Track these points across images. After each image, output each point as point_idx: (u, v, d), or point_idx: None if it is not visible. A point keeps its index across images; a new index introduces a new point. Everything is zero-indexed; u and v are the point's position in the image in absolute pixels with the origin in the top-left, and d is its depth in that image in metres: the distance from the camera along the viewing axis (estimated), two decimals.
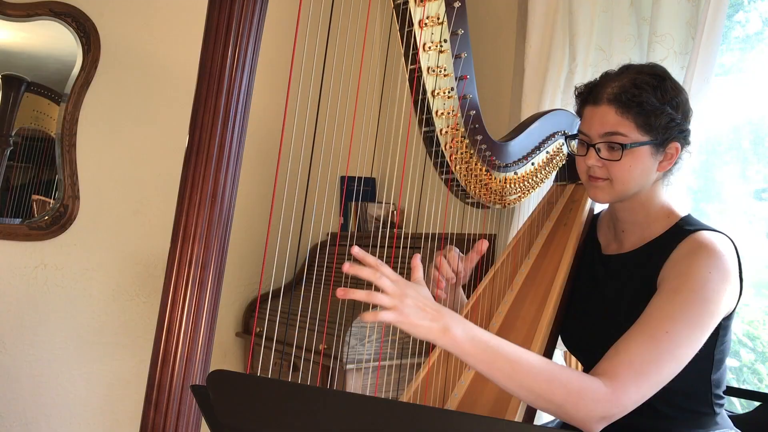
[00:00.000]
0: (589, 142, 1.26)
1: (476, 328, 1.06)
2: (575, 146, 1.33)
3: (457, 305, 1.46)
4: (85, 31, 2.33)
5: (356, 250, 1.02)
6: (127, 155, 2.46)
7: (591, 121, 1.25)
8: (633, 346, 1.08)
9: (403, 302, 1.01)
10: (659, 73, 1.24)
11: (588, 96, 1.28)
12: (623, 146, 1.21)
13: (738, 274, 1.18)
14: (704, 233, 1.19)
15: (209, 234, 1.00)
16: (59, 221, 2.31)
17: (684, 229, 1.23)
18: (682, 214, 1.28)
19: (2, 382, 2.26)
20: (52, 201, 2.34)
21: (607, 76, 1.27)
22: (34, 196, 2.33)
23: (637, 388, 1.05)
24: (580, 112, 1.32)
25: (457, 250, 1.38)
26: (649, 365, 1.06)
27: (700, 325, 1.10)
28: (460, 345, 1.04)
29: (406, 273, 2.14)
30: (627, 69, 1.27)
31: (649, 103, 1.20)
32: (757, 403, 1.46)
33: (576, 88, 1.33)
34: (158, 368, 1.00)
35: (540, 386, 1.03)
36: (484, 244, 1.32)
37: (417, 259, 1.13)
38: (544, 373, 1.04)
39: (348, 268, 0.99)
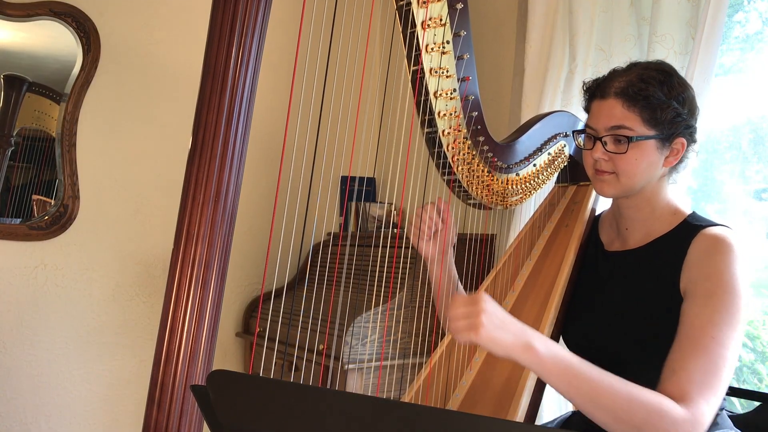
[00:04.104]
0: (596, 135, 1.26)
1: (555, 345, 1.07)
2: (582, 141, 1.34)
3: (452, 283, 1.49)
4: (85, 31, 2.33)
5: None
6: (127, 155, 2.45)
7: (598, 114, 1.26)
8: (688, 361, 1.08)
9: (481, 320, 1.02)
10: (666, 69, 1.26)
11: (596, 90, 1.29)
12: (629, 139, 1.22)
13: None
14: (713, 228, 1.21)
15: (212, 233, 1.00)
16: (59, 221, 2.31)
17: (693, 225, 1.24)
18: (687, 212, 1.29)
19: (2, 382, 2.26)
20: (52, 201, 2.33)
21: (614, 72, 1.28)
22: (35, 196, 2.33)
23: (707, 402, 1.04)
24: (587, 107, 1.33)
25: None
26: (709, 376, 1.06)
27: (739, 321, 1.10)
28: (543, 363, 1.04)
29: (407, 273, 2.14)
30: (634, 65, 1.28)
31: (655, 97, 1.21)
32: (757, 403, 1.47)
33: (584, 83, 1.34)
34: (161, 367, 1.00)
35: (620, 406, 1.02)
36: (440, 202, 1.39)
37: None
38: (624, 393, 1.03)
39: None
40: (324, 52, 1.11)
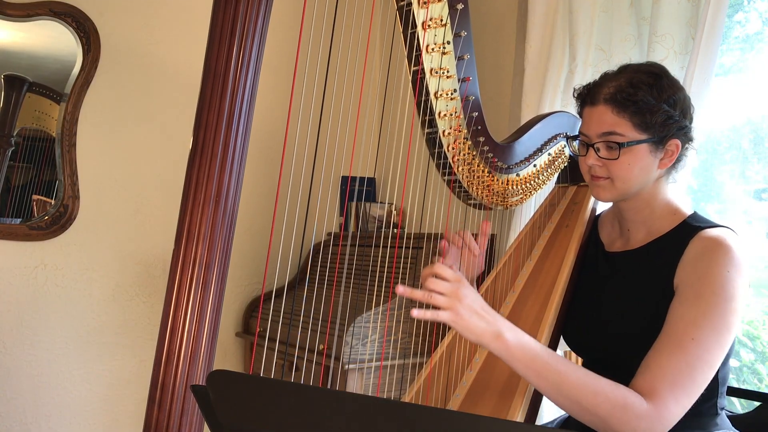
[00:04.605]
0: (588, 142, 1.27)
1: (527, 336, 1.10)
2: (576, 147, 1.34)
3: None
4: (85, 31, 2.33)
5: (401, 290, 1.07)
6: (127, 155, 2.45)
7: (589, 121, 1.27)
8: (663, 358, 1.08)
9: (461, 303, 1.07)
10: (656, 71, 1.25)
11: (586, 97, 1.29)
12: (620, 145, 1.22)
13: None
14: (712, 230, 1.20)
15: (213, 234, 1.00)
16: (59, 221, 2.31)
17: (692, 226, 1.24)
18: (688, 212, 1.29)
19: (2, 382, 2.26)
20: (52, 201, 2.33)
21: (605, 77, 1.28)
22: (35, 196, 2.33)
23: (676, 401, 1.05)
24: (579, 113, 1.33)
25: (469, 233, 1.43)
26: (682, 375, 1.06)
27: (726, 326, 1.10)
28: (512, 351, 1.08)
29: (407, 273, 2.14)
30: (625, 69, 1.28)
31: (644, 101, 1.20)
32: (757, 403, 1.47)
33: (575, 90, 1.34)
34: (162, 368, 1.00)
35: (586, 398, 1.05)
36: (486, 225, 1.38)
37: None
38: (590, 386, 1.05)
39: (401, 290, 1.06)
40: (324, 53, 1.11)
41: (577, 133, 1.34)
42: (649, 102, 1.20)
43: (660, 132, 1.22)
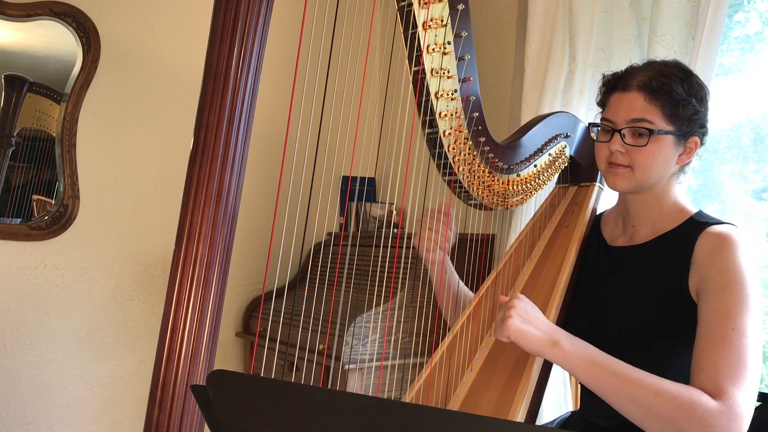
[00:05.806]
0: (614, 127, 1.27)
1: (583, 342, 1.12)
2: (596, 134, 1.34)
3: (446, 276, 1.54)
4: (85, 31, 2.33)
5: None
6: (127, 155, 2.45)
7: (618, 107, 1.27)
8: (714, 356, 1.08)
9: (509, 313, 1.12)
10: (685, 68, 1.28)
11: (616, 83, 1.29)
12: (650, 132, 1.22)
13: None
14: (718, 226, 1.22)
15: (214, 233, 1.00)
16: (59, 221, 2.31)
17: (699, 222, 1.25)
18: (694, 210, 1.30)
19: (2, 382, 2.26)
20: (52, 201, 2.33)
21: (632, 68, 1.30)
22: (35, 196, 2.33)
23: (741, 393, 1.03)
24: (604, 101, 1.33)
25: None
26: (737, 366, 1.06)
27: (756, 310, 1.11)
28: (570, 359, 1.09)
29: (407, 273, 2.14)
30: (653, 62, 1.30)
31: (677, 92, 1.22)
32: (757, 403, 1.47)
33: (603, 75, 1.35)
34: (162, 367, 1.00)
35: (649, 400, 1.03)
36: (447, 207, 1.43)
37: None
38: (652, 387, 1.04)
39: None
40: (325, 53, 1.11)
41: (597, 121, 1.34)
42: (681, 94, 1.22)
43: (686, 126, 1.24)
